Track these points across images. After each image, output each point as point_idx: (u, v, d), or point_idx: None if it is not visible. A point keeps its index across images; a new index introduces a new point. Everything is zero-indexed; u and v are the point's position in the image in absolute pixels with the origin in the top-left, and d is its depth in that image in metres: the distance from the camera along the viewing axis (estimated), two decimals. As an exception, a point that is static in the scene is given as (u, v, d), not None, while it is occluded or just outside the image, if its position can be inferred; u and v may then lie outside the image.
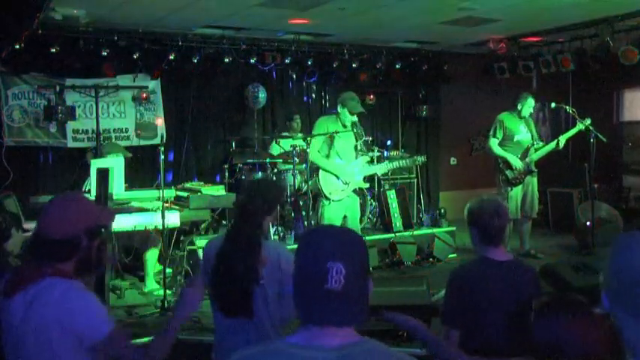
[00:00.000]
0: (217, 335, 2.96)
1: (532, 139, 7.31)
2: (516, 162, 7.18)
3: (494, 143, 7.29)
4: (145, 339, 4.57)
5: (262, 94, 8.70)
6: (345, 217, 6.14)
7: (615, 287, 1.50)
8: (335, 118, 6.18)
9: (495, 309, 2.82)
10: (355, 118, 6.16)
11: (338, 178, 6.08)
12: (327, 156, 6.14)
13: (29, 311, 2.10)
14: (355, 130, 6.20)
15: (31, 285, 2.13)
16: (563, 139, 7.17)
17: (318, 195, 6.35)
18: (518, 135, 7.27)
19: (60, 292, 2.12)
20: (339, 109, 6.09)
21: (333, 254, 1.49)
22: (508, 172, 7.22)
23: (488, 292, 2.83)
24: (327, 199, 6.05)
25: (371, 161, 7.08)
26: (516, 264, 3.02)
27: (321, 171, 6.07)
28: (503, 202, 3.06)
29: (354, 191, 6.30)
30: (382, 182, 8.12)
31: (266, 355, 1.52)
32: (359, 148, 6.38)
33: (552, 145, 7.20)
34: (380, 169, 6.80)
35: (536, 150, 7.24)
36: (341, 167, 6.08)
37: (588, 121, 7.01)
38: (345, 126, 6.11)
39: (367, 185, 6.72)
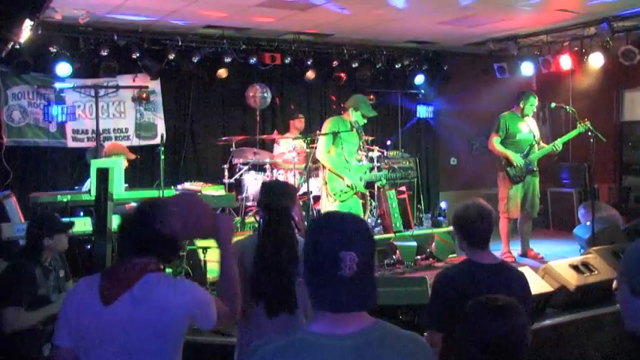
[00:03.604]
0: (249, 336, 2.91)
1: (534, 138, 7.31)
2: (517, 159, 7.16)
3: (496, 141, 7.26)
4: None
5: (268, 94, 8.75)
6: None
7: None
8: (343, 119, 6.17)
9: None
10: (363, 120, 6.18)
11: (344, 180, 6.06)
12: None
13: (142, 308, 2.10)
14: (356, 129, 6.21)
15: (136, 283, 2.14)
16: (560, 143, 7.17)
17: (320, 195, 6.34)
18: (520, 134, 7.27)
19: (175, 285, 2.20)
20: (351, 112, 6.08)
21: (346, 242, 1.54)
22: (509, 170, 7.21)
23: (475, 296, 2.78)
24: (331, 199, 6.03)
25: (372, 168, 7.11)
26: (504, 267, 3.01)
27: (327, 171, 6.06)
28: (488, 204, 3.03)
29: (355, 193, 6.29)
30: (382, 182, 8.12)
31: (291, 346, 1.57)
32: (361, 147, 6.40)
33: (549, 148, 7.19)
34: (379, 177, 6.79)
35: (538, 148, 7.25)
36: (348, 170, 6.07)
37: (588, 124, 7.00)
38: (352, 127, 6.12)
39: (367, 191, 6.73)
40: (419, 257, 7.38)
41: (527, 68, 9.09)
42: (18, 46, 6.70)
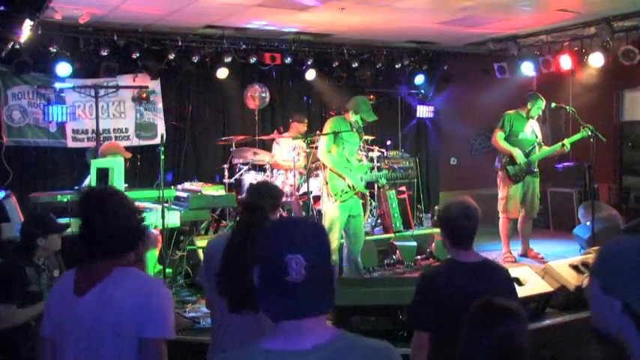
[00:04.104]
0: (217, 334, 2.97)
1: (536, 139, 7.30)
2: (520, 157, 7.15)
3: (500, 137, 7.24)
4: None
5: (267, 94, 8.81)
6: (349, 217, 6.12)
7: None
8: (344, 119, 6.18)
9: (466, 311, 2.78)
10: (362, 122, 6.20)
11: (345, 180, 6.07)
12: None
13: (107, 302, 2.12)
14: (356, 129, 6.21)
15: (106, 277, 2.16)
16: (568, 143, 7.17)
17: (320, 195, 6.34)
18: (522, 134, 7.26)
19: (150, 285, 2.19)
20: (352, 114, 6.09)
21: (291, 246, 1.46)
22: (509, 168, 7.20)
23: (456, 294, 2.78)
24: (332, 199, 6.04)
25: (372, 168, 7.12)
26: (486, 265, 2.97)
27: (328, 171, 6.06)
28: (475, 203, 3.00)
29: (356, 193, 6.29)
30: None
31: None
32: (361, 147, 6.41)
33: (557, 146, 7.20)
34: (379, 177, 6.81)
35: (539, 150, 7.26)
36: (349, 170, 6.07)
37: (590, 128, 7.01)
38: (352, 127, 6.13)
39: (368, 191, 6.73)
40: (419, 257, 7.39)
41: (527, 68, 9.09)
42: (18, 46, 6.70)
